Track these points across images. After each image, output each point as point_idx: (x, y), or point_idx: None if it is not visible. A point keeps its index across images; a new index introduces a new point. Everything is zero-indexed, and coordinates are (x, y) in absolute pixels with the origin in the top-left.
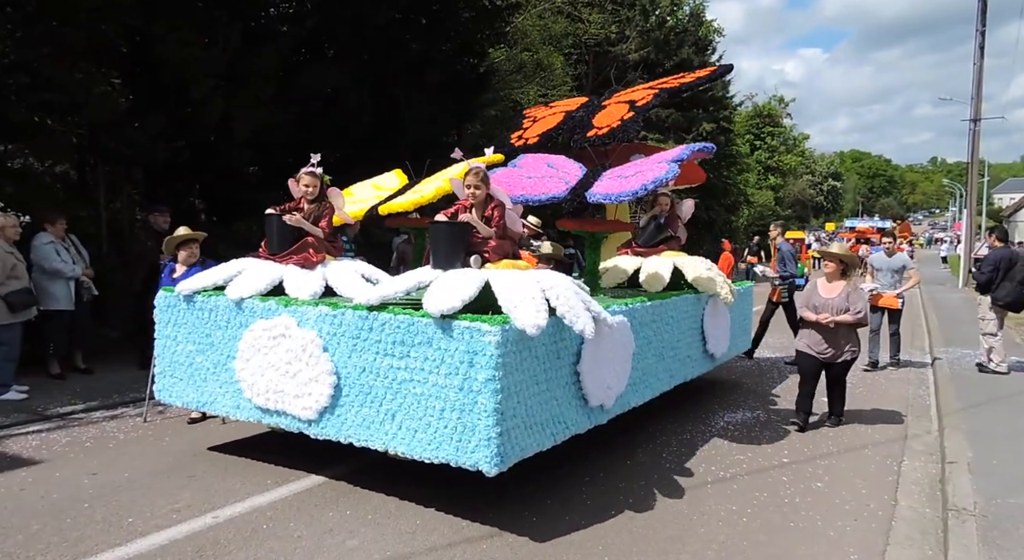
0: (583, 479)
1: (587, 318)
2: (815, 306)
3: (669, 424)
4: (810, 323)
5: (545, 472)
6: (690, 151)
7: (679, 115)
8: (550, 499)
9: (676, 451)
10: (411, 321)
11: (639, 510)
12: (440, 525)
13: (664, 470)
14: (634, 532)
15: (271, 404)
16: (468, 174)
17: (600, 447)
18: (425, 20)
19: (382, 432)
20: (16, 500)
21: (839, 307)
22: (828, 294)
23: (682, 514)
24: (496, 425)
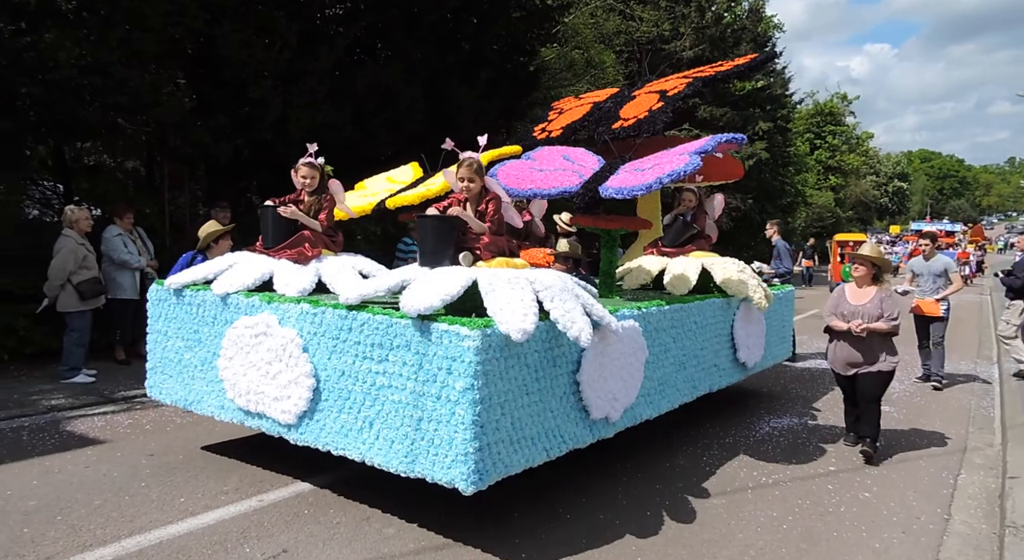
0: (620, 479)
1: (584, 323)
2: (843, 314)
3: (711, 428)
4: (838, 333)
5: (581, 470)
6: (715, 142)
7: (734, 114)
8: (585, 498)
9: (717, 455)
10: (389, 322)
11: (675, 513)
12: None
13: (704, 473)
14: (669, 534)
15: (252, 406)
16: (461, 166)
17: (639, 448)
18: (476, 19)
19: (359, 441)
20: (81, 477)
21: (871, 314)
22: (858, 301)
23: (720, 518)
24: (474, 439)
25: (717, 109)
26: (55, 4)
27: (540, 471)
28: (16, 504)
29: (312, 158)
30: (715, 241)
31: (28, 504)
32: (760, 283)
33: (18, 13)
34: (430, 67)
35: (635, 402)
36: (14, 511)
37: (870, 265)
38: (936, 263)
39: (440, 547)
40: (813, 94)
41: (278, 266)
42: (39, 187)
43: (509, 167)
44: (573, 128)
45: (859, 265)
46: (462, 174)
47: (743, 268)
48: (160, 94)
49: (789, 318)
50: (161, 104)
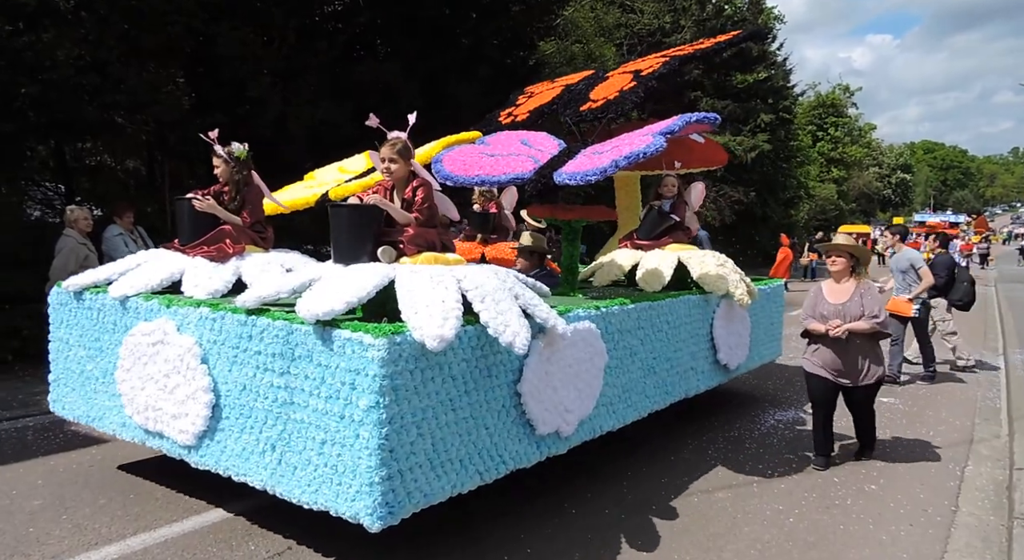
0: (625, 474)
1: (520, 327)
2: (823, 315)
3: (716, 421)
4: (818, 337)
5: (584, 464)
6: (683, 122)
7: (736, 106)
8: (590, 492)
9: (722, 448)
10: (290, 329)
11: (681, 506)
12: None
13: (709, 467)
14: (675, 528)
15: (151, 424)
16: (384, 146)
17: (643, 443)
18: (475, 14)
19: (261, 466)
20: (86, 475)
21: (852, 314)
22: (837, 299)
23: (725, 512)
24: (381, 466)
25: (719, 101)
26: (53, 3)
27: (542, 468)
28: (21, 503)
29: (220, 146)
30: (695, 233)
31: (33, 503)
32: (743, 278)
33: (17, 13)
34: (430, 63)
35: (593, 413)
36: (19, 511)
37: (848, 257)
38: (900, 259)
39: None
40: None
41: (191, 265)
42: (40, 188)
43: (456, 153)
44: (540, 112)
45: (836, 258)
46: (383, 154)
47: (723, 262)
48: (159, 92)
49: (778, 315)
50: (160, 102)
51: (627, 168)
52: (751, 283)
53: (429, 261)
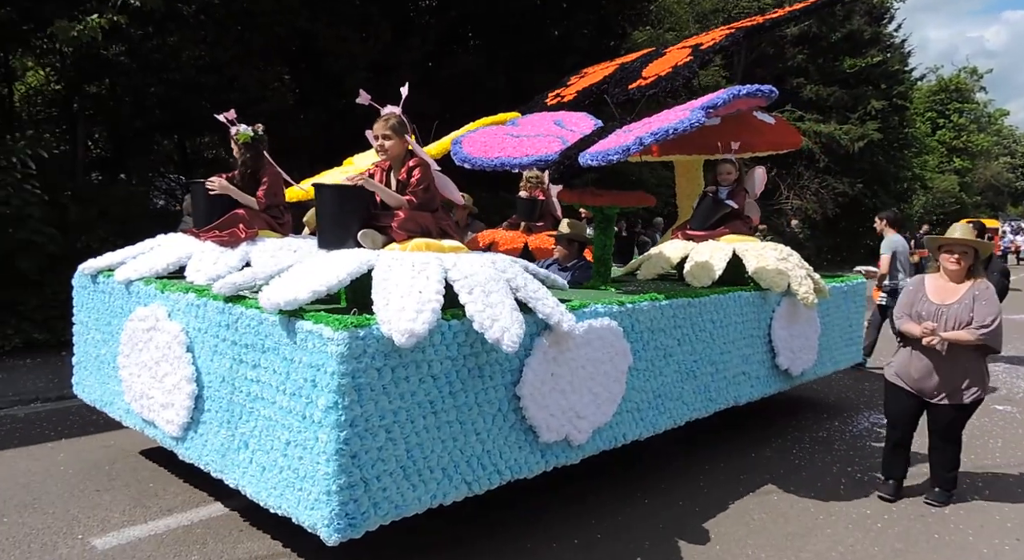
0: (702, 468)
1: (511, 323)
2: (920, 315)
3: (804, 420)
4: (911, 341)
5: (658, 459)
6: (730, 95)
7: (843, 92)
8: (664, 484)
9: (808, 448)
10: (260, 318)
11: (759, 504)
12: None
13: (792, 466)
14: (751, 525)
15: (145, 412)
16: (377, 122)
17: (721, 440)
18: (565, 4)
19: (235, 463)
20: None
21: (959, 318)
22: (942, 297)
23: (807, 512)
24: (340, 474)
25: (824, 88)
26: (178, 9)
27: (616, 455)
28: None
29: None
30: (757, 224)
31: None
32: (809, 274)
33: (147, 19)
34: (518, 54)
35: (614, 420)
36: (143, 468)
37: (972, 253)
38: (883, 245)
39: None
40: (937, 69)
41: (199, 249)
42: (165, 179)
43: (479, 134)
44: (589, 92)
45: (956, 255)
46: (376, 130)
47: (786, 255)
48: (267, 89)
49: (858, 316)
50: (268, 99)
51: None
52: (820, 280)
53: (420, 248)
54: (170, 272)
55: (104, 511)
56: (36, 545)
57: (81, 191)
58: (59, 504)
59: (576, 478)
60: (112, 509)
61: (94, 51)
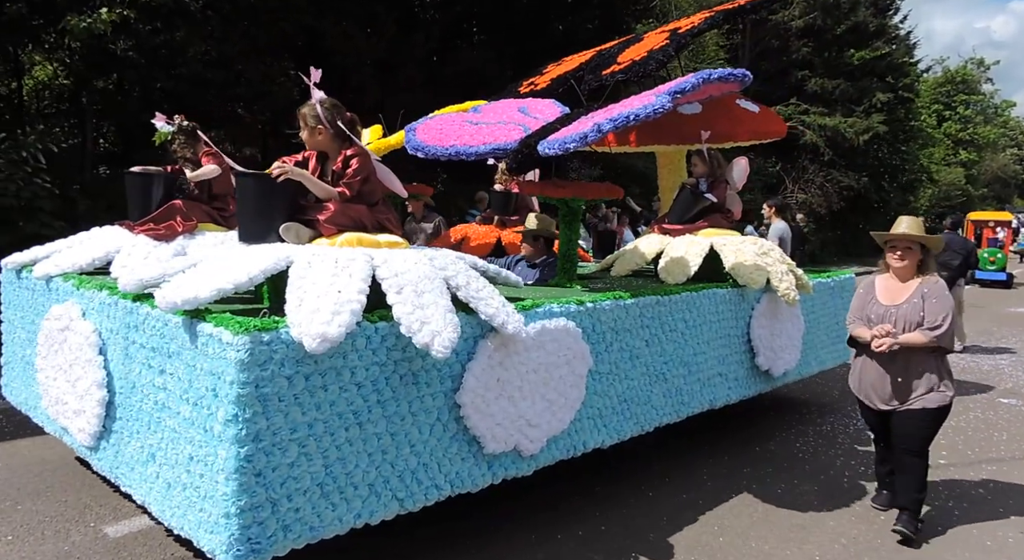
0: (705, 461)
1: (443, 326)
2: (870, 318)
3: (808, 415)
4: (864, 346)
5: (662, 451)
6: (699, 79)
7: (848, 85)
8: (668, 478)
9: (812, 442)
10: (165, 319)
11: (762, 496)
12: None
13: (796, 459)
14: (754, 516)
15: (60, 418)
16: (303, 107)
17: (724, 433)
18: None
19: (143, 478)
20: None
21: (909, 319)
22: (891, 298)
23: (811, 505)
24: (241, 494)
25: (829, 81)
26: (185, 5)
27: (618, 448)
28: None
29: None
30: (738, 217)
31: None
32: (791, 269)
33: (154, 14)
34: (523, 50)
35: (572, 427)
36: None
37: (918, 249)
38: (770, 232)
39: None
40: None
41: (129, 243)
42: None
43: (435, 121)
44: (563, 79)
45: (900, 251)
46: (301, 117)
47: (766, 250)
48: (273, 84)
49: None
50: (273, 94)
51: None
52: (803, 275)
53: (351, 243)
54: (96, 268)
55: (116, 499)
56: (49, 532)
57: (89, 185)
58: (72, 492)
59: (580, 471)
60: (124, 497)
61: (103, 46)
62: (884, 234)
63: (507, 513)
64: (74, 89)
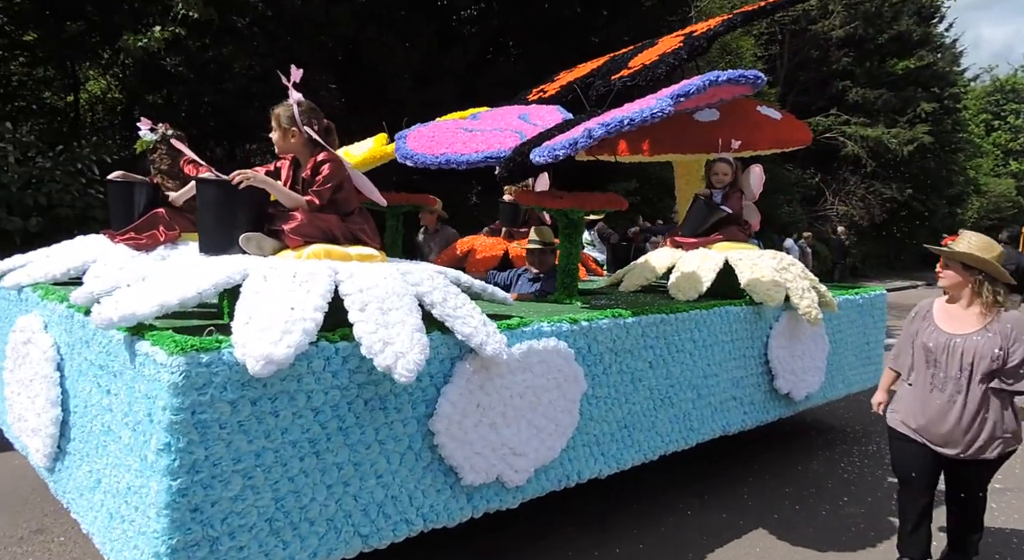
0: (745, 480)
1: (409, 346)
2: (927, 347)
3: (853, 432)
4: (917, 376)
5: (700, 472)
6: (706, 81)
7: (891, 95)
8: (707, 496)
9: (857, 462)
10: (111, 336)
11: (806, 516)
12: None
13: (841, 480)
14: (797, 538)
15: (22, 436)
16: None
17: (767, 450)
18: (607, 11)
19: (89, 506)
20: None
21: (981, 353)
22: (954, 326)
23: (857, 527)
24: (173, 532)
25: (871, 91)
26: (232, 22)
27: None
28: None
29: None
30: (756, 229)
31: None
32: (814, 286)
33: (204, 31)
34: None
35: (564, 456)
36: None
37: (960, 268)
38: None
39: None
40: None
41: (106, 252)
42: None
43: (428, 128)
44: (572, 86)
45: (943, 269)
46: (275, 118)
47: (786, 265)
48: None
49: (878, 332)
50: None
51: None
52: (827, 292)
53: (317, 255)
54: (71, 278)
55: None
56: None
57: None
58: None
59: (615, 488)
60: None
61: (155, 62)
62: (932, 248)
63: (547, 527)
64: (127, 103)
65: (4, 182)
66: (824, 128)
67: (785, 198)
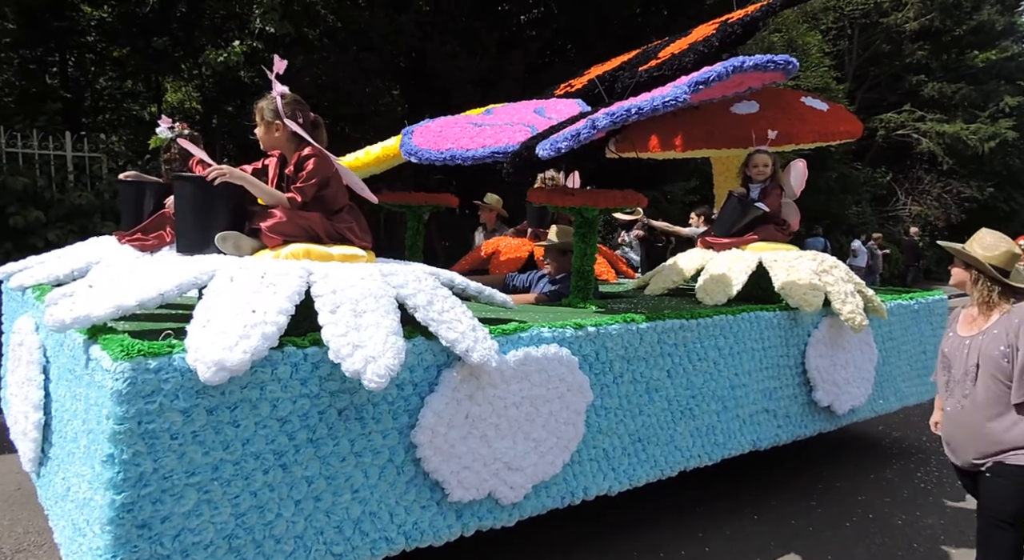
0: (815, 487)
1: (382, 351)
2: (944, 353)
3: (930, 441)
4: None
5: (772, 470)
6: (728, 68)
7: (970, 89)
8: (774, 500)
9: (935, 472)
10: (75, 338)
11: (881, 528)
12: None
13: (917, 490)
14: (871, 549)
15: (17, 438)
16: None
17: (835, 456)
18: (667, 11)
19: (59, 515)
20: None
21: (985, 352)
22: (968, 330)
23: (934, 539)
24: (116, 549)
25: (948, 85)
26: (305, 34)
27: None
28: None
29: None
30: (796, 229)
31: None
32: (859, 289)
33: (278, 44)
34: None
35: (565, 471)
36: None
37: (964, 268)
38: None
39: None
40: None
41: (113, 253)
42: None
43: (436, 123)
44: (602, 79)
45: (952, 268)
46: (258, 112)
47: (828, 267)
48: (379, 105)
49: (936, 340)
50: (380, 114)
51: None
52: (875, 297)
53: (296, 255)
54: (75, 279)
55: None
56: None
57: None
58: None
59: (682, 490)
60: None
61: (233, 75)
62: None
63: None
64: (205, 112)
65: (100, 190)
66: (896, 125)
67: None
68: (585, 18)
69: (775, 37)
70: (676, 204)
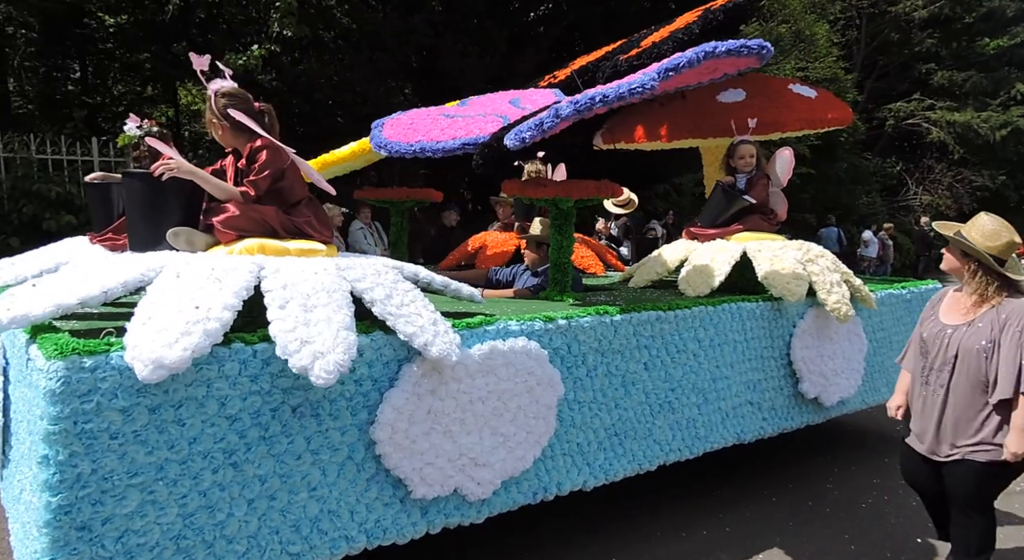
0: (831, 470)
1: (331, 346)
2: (922, 338)
3: None
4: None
5: (788, 454)
6: (699, 54)
7: (981, 77)
8: (791, 482)
9: None
10: (17, 338)
11: (897, 507)
12: None
13: None
14: (888, 528)
15: None
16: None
17: (849, 443)
18: (674, 5)
19: (14, 519)
20: None
21: (965, 345)
22: (952, 318)
23: None
24: (54, 552)
25: (958, 73)
26: (320, 37)
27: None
28: None
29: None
30: (783, 218)
31: None
32: (847, 279)
33: (295, 47)
34: None
35: (536, 467)
36: None
37: (960, 255)
38: None
39: None
40: None
41: (82, 254)
42: None
43: (407, 115)
44: (584, 70)
45: (946, 251)
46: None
47: (813, 256)
48: (392, 104)
49: None
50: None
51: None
52: (863, 287)
53: (251, 250)
54: None
55: None
56: None
57: None
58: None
59: (702, 475)
60: None
61: (251, 78)
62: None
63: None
64: None
65: None
66: (906, 114)
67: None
68: (593, 14)
69: (783, 28)
70: (687, 196)
